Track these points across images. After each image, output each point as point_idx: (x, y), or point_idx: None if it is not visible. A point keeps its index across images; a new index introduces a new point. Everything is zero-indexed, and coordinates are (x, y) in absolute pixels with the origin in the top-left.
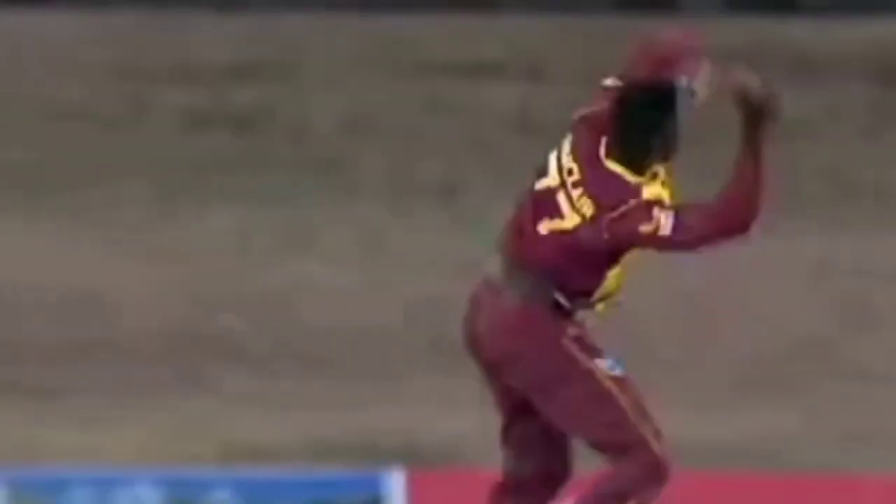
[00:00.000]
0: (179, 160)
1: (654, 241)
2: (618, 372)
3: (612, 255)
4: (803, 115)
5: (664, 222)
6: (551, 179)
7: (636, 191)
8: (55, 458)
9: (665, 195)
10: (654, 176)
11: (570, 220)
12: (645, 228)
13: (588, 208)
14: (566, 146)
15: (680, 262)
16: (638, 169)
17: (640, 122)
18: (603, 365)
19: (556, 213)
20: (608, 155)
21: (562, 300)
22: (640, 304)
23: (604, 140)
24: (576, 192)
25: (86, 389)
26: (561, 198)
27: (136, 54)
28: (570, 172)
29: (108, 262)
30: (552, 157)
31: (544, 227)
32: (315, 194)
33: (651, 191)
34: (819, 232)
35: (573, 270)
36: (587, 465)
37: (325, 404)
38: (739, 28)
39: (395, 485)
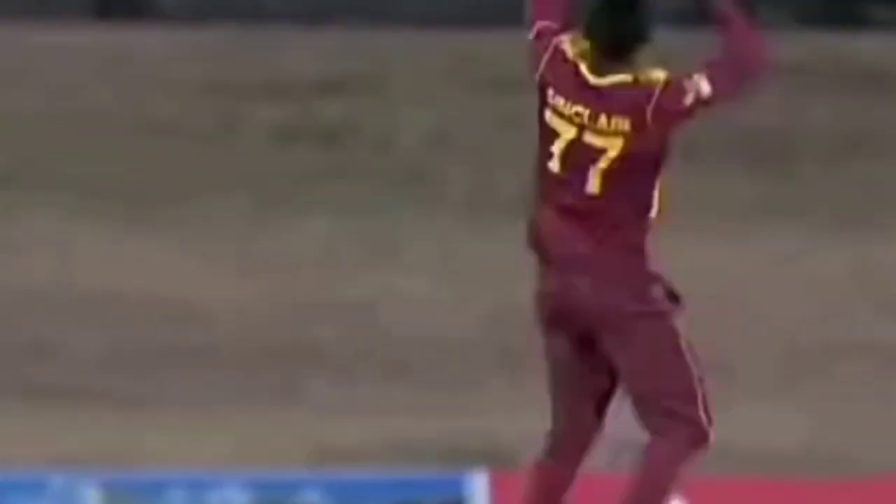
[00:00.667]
0: (270, 174)
1: (701, 105)
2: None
3: (662, 160)
4: (872, 127)
5: (700, 84)
6: (567, 133)
7: (647, 80)
8: (150, 462)
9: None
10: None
11: (614, 147)
12: (689, 99)
13: (624, 124)
14: (555, 99)
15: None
16: (629, 67)
17: (617, 21)
18: (680, 325)
19: (596, 153)
20: (599, 74)
21: (636, 244)
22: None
23: (582, 67)
24: (601, 123)
25: (180, 396)
26: (590, 138)
27: (228, 71)
28: (577, 114)
29: (202, 272)
30: (551, 118)
31: (593, 178)
32: (400, 206)
33: (658, 72)
34: (887, 242)
35: (631, 203)
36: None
37: (409, 409)
38: (810, 42)
39: (478, 486)
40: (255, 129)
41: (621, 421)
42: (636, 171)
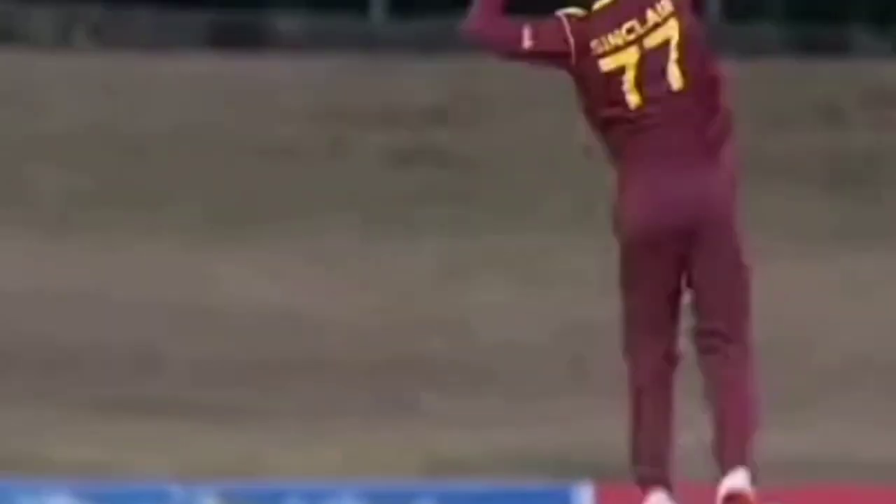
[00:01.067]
0: (381, 195)
1: None
2: None
3: (705, 41)
4: None
5: None
6: (631, 58)
7: None
8: (267, 473)
9: None
10: None
11: (673, 31)
12: None
13: (667, 5)
14: (605, 43)
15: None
16: None
17: None
18: None
19: (664, 49)
20: None
21: (723, 142)
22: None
23: (596, 5)
24: (651, 18)
25: (296, 408)
26: (651, 41)
27: (342, 97)
28: (630, 30)
29: (318, 288)
30: (610, 62)
31: (672, 74)
32: (506, 226)
33: None
34: None
35: (709, 96)
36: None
37: (517, 421)
38: None
39: (584, 497)
40: (368, 153)
41: None
42: (698, 56)
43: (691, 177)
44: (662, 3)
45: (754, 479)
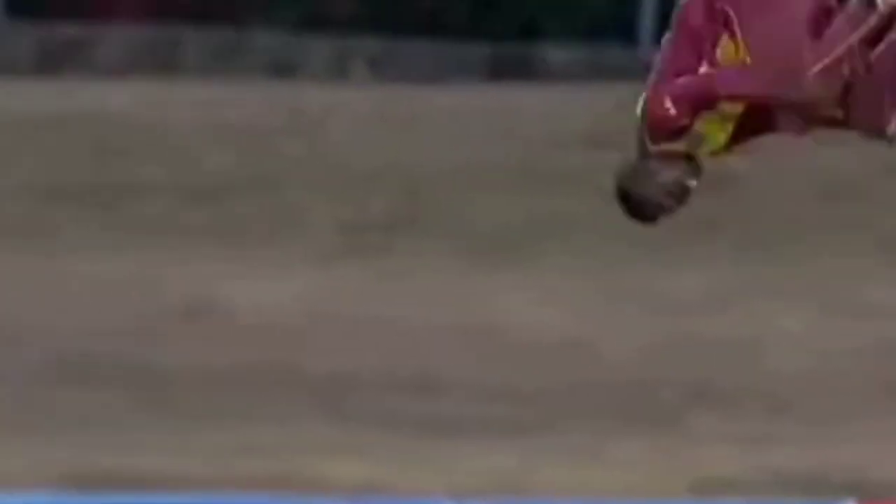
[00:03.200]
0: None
1: None
2: None
3: None
4: None
5: None
6: None
7: None
8: (538, 492)
9: None
10: None
11: None
12: None
13: None
14: None
15: None
16: None
17: None
18: None
19: None
20: None
21: None
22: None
23: None
24: None
25: (569, 428)
26: None
27: (615, 126)
28: None
29: (598, 311)
30: None
31: None
32: (781, 251)
33: None
34: None
35: None
36: None
37: (786, 441)
38: None
39: None
40: None
41: None
42: None
43: None
44: None
45: None
